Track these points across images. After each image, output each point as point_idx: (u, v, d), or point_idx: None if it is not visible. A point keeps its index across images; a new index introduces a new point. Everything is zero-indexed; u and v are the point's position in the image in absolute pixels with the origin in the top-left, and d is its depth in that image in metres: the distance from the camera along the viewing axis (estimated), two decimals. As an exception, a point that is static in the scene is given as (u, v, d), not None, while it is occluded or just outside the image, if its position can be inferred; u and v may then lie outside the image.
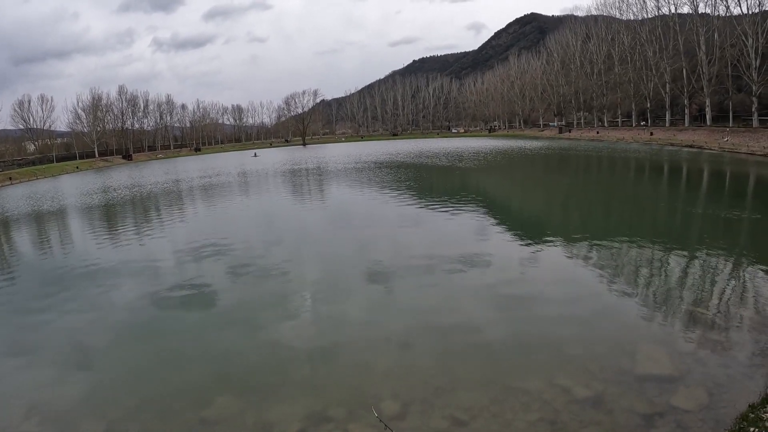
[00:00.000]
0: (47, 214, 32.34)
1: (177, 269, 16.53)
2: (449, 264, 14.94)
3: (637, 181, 35.66)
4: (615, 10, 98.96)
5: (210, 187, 42.94)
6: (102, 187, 50.32)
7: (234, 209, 29.47)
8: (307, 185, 41.10)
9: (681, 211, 21.74)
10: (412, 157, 63.85)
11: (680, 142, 65.48)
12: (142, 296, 13.85)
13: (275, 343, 10.43)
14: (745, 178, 35.14)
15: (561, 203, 25.94)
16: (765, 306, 10.87)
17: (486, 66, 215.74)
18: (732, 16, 68.11)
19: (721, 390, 7.65)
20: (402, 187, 34.27)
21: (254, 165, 69.54)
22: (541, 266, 14.74)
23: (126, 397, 8.52)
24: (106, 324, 12.04)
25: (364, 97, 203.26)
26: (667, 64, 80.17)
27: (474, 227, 20.24)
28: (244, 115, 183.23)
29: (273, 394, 8.39)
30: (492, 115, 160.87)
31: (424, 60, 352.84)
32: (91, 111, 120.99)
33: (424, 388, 8.19)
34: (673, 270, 13.87)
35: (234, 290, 14.00)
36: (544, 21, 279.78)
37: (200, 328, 11.54)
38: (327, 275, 14.96)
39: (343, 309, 12.13)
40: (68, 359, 10.26)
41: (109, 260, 18.06)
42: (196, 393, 8.62)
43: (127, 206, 34.26)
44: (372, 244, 18.60)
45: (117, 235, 23.31)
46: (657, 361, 8.55)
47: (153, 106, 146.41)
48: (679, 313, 10.70)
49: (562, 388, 7.94)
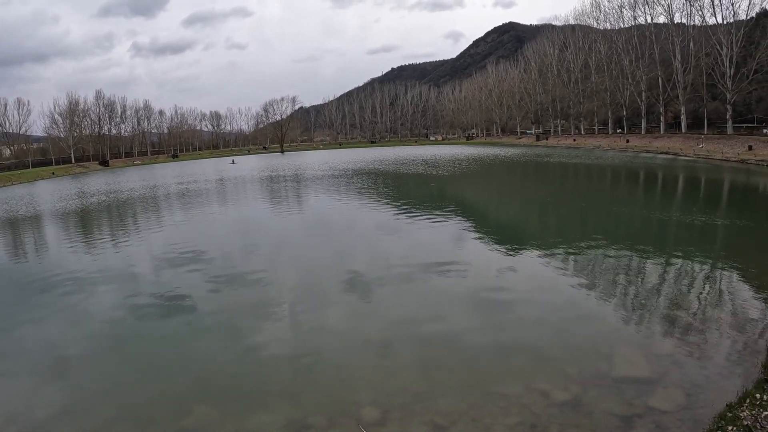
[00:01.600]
0: (22, 220, 31.72)
1: (154, 277, 16.30)
2: (427, 271, 14.96)
3: (613, 188, 36.14)
4: (592, 20, 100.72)
5: (187, 193, 42.48)
6: (78, 192, 49.50)
7: (211, 217, 29.17)
8: (284, 192, 40.88)
9: (657, 217, 22.02)
10: (389, 165, 63.91)
11: (656, 149, 66.56)
12: (119, 305, 13.60)
13: (255, 351, 10.33)
14: (719, 183, 35.85)
15: (537, 210, 26.13)
16: (740, 308, 11.05)
17: (464, 74, 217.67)
18: (707, 25, 69.61)
19: (698, 390, 7.74)
20: (378, 195, 34.27)
21: (232, 172, 69.06)
22: (519, 272, 14.83)
23: (104, 407, 8.36)
24: (82, 333, 11.82)
25: (342, 105, 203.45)
26: (643, 72, 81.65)
27: (451, 234, 20.29)
28: (222, 121, 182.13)
29: (253, 403, 8.28)
30: (470, 122, 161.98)
31: (402, 68, 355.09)
32: (68, 116, 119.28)
33: (403, 395, 8.16)
34: (649, 274, 14.03)
35: (212, 298, 13.82)
36: (522, 30, 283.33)
37: (179, 336, 11.37)
38: (306, 283, 14.87)
39: (322, 316, 12.06)
40: (44, 369, 10.01)
41: (85, 268, 17.71)
42: (174, 402, 8.49)
43: (104, 213, 33.72)
44: (350, 252, 18.56)
45: (93, 242, 22.93)
46: (634, 364, 8.63)
47: (130, 111, 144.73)
48: (656, 316, 10.81)
49: (540, 392, 7.96)
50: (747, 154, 49.55)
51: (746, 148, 51.51)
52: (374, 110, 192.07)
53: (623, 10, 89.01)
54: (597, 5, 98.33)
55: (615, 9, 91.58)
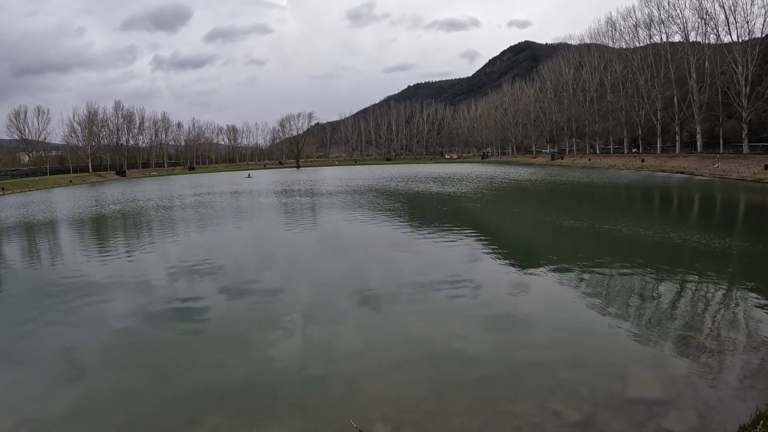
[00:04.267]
0: (39, 225, 32.18)
1: (169, 286, 16.41)
2: (440, 288, 14.95)
3: (628, 208, 35.92)
4: (608, 39, 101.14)
5: (203, 205, 42.88)
6: (95, 201, 50.12)
7: (227, 228, 29.37)
8: (299, 206, 41.06)
9: (671, 237, 21.85)
10: (401, 181, 64.03)
11: (671, 169, 66.22)
12: (133, 312, 13.72)
13: (267, 364, 10.37)
14: (735, 203, 35.50)
15: (551, 230, 26.02)
16: (754, 329, 10.95)
17: (480, 93, 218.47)
18: (722, 44, 69.50)
19: (711, 412, 7.67)
20: (391, 211, 34.37)
21: (248, 185, 69.75)
22: (532, 291, 14.77)
23: (115, 415, 8.42)
24: (96, 340, 11.91)
25: (358, 121, 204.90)
26: (659, 91, 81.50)
27: (464, 253, 20.26)
28: (238, 135, 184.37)
29: (264, 415, 8.32)
30: (485, 141, 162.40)
31: (418, 86, 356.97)
32: (87, 125, 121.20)
33: (415, 412, 8.15)
34: (663, 295, 13.91)
35: (225, 309, 13.91)
36: (537, 49, 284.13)
37: (192, 346, 11.44)
38: (318, 297, 14.91)
39: (334, 331, 12.08)
40: (57, 374, 10.11)
41: (100, 275, 17.91)
42: (185, 411, 8.54)
43: (120, 221, 34.09)
44: (362, 267, 18.62)
45: (108, 249, 23.15)
46: (648, 385, 8.57)
47: (149, 123, 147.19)
48: (670, 336, 10.73)
49: (553, 412, 7.92)
50: (763, 174, 49.14)
51: (762, 168, 51.09)
52: (390, 128, 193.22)
53: (638, 29, 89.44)
54: (612, 24, 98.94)
55: (630, 28, 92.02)
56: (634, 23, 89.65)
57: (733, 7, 65.79)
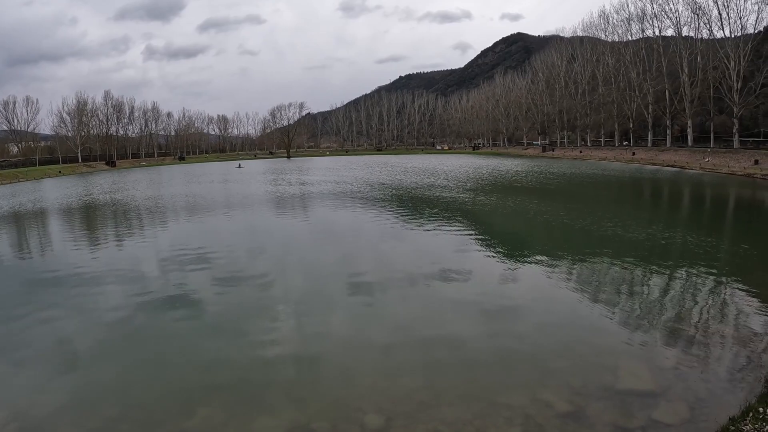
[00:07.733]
0: (28, 215, 31.90)
1: (161, 276, 16.35)
2: (431, 279, 14.99)
3: (618, 201, 36.10)
4: (600, 32, 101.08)
5: (195, 195, 42.62)
6: (85, 191, 49.69)
7: (218, 218, 29.26)
8: (290, 198, 40.91)
9: (662, 230, 21.98)
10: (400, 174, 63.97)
11: (662, 162, 66.55)
12: (125, 304, 13.63)
13: (260, 354, 10.37)
14: (724, 197, 35.79)
15: (542, 222, 26.07)
16: (744, 322, 11.06)
17: (472, 84, 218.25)
18: (715, 39, 69.69)
19: (701, 404, 7.76)
20: (383, 202, 34.36)
21: (239, 175, 69.39)
22: (523, 282, 14.86)
23: (107, 406, 8.39)
24: (88, 331, 11.86)
25: (349, 112, 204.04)
26: (651, 85, 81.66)
27: (455, 244, 20.29)
28: (229, 125, 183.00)
29: (257, 406, 8.32)
30: (476, 132, 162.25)
31: (410, 76, 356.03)
32: (76, 115, 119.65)
33: (408, 402, 8.18)
34: (653, 287, 14.02)
35: (218, 300, 13.88)
36: (530, 41, 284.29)
37: (184, 337, 11.43)
38: (311, 287, 14.91)
39: (327, 321, 12.10)
40: (50, 366, 10.05)
41: (91, 265, 17.83)
42: (179, 402, 8.54)
43: (111, 211, 33.81)
44: (354, 257, 18.63)
45: (99, 239, 23.05)
46: (638, 377, 8.64)
47: (138, 113, 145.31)
48: (660, 329, 10.82)
49: (544, 403, 7.98)
50: (753, 168, 49.58)
51: (752, 162, 51.56)
52: (381, 118, 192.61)
53: (631, 23, 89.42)
54: (605, 18, 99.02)
55: (623, 21, 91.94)
56: (627, 17, 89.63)
57: (726, 3, 65.96)
